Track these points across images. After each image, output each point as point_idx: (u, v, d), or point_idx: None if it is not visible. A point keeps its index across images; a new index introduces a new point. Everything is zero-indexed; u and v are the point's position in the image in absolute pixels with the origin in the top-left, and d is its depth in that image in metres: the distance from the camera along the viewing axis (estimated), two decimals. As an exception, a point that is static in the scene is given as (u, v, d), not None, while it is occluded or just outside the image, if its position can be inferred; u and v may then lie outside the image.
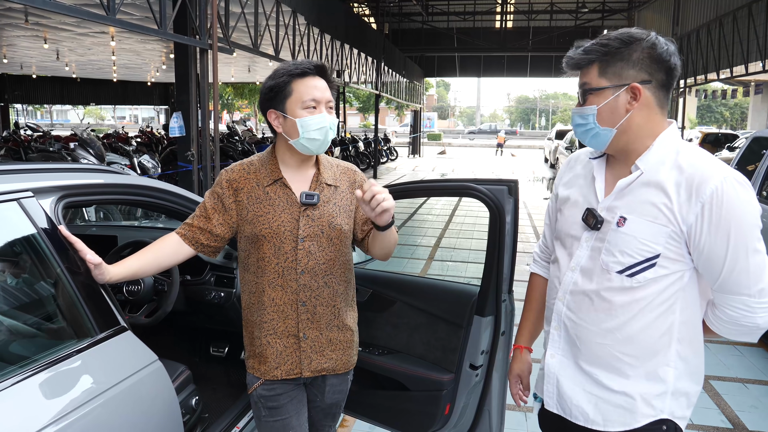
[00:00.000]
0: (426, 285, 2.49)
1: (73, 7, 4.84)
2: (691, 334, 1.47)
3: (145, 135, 17.39)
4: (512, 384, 1.83)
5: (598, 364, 1.50)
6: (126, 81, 26.31)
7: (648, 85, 1.42)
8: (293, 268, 1.83)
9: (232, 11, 8.51)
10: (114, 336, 1.68)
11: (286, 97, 1.80)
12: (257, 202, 1.84)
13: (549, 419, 1.64)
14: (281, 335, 1.86)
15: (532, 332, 1.82)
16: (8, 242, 1.66)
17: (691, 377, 1.49)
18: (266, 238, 1.82)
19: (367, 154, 18.59)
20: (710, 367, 4.38)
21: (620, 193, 1.46)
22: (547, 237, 1.77)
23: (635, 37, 1.42)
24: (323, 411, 2.02)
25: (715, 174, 1.34)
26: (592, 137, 1.49)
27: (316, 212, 1.84)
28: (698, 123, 45.25)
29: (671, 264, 1.40)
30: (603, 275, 1.47)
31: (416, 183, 2.39)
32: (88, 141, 9.04)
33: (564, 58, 1.51)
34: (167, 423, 1.78)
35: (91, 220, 5.06)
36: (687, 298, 1.44)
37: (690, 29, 15.55)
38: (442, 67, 27.88)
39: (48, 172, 1.82)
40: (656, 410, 1.46)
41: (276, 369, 1.87)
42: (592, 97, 1.46)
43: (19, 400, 1.38)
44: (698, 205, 1.34)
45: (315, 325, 1.87)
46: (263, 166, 1.88)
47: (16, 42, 14.18)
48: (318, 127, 1.79)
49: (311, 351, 1.88)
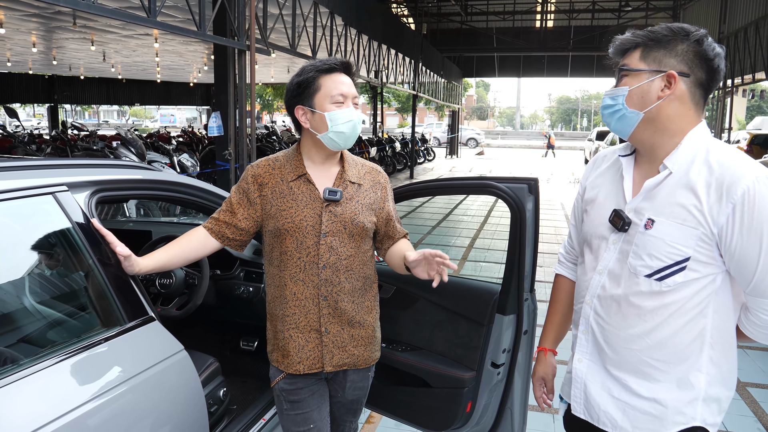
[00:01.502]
0: (448, 282, 2.48)
1: (116, 10, 5.02)
2: (724, 338, 1.43)
3: (186, 134, 17.79)
4: (536, 387, 1.80)
5: (627, 370, 1.47)
6: (169, 82, 26.98)
7: (685, 78, 1.39)
8: (315, 263, 1.86)
9: (270, 12, 8.64)
10: (142, 325, 1.75)
11: (314, 92, 1.84)
12: (281, 196, 1.88)
13: (576, 424, 1.62)
14: (303, 329, 1.89)
15: (556, 335, 1.79)
16: (44, 234, 1.75)
17: (724, 383, 1.45)
18: (289, 232, 1.85)
19: (404, 155, 18.61)
20: (749, 374, 4.25)
21: (648, 194, 1.42)
22: (573, 238, 1.74)
23: (685, 30, 1.40)
24: (344, 406, 2.05)
25: (747, 173, 1.30)
26: (618, 119, 1.46)
27: (339, 209, 1.87)
28: (747, 124, 43.58)
29: (702, 267, 1.36)
30: (631, 279, 1.44)
31: (437, 181, 2.39)
32: (130, 140, 9.32)
33: (611, 43, 1.49)
34: (192, 411, 1.84)
35: (131, 216, 5.22)
36: (719, 302, 1.40)
37: (737, 27, 15.07)
38: (480, 67, 27.67)
39: (82, 168, 1.90)
40: (687, 417, 1.43)
41: (298, 363, 1.90)
42: (627, 79, 1.44)
43: (53, 382, 1.46)
44: (729, 206, 1.30)
45: (336, 320, 1.89)
46: (288, 162, 1.92)
47: (65, 44, 14.71)
48: (346, 120, 1.83)
49: (333, 346, 1.90)
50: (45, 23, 11.57)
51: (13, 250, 1.69)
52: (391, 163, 17.33)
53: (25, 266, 1.74)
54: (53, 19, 11.08)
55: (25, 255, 1.72)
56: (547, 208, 12.06)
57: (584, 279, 1.58)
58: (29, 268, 1.75)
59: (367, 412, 3.51)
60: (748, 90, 21.19)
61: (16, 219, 1.66)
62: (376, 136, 18.62)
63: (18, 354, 1.56)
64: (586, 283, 1.56)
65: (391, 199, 2.05)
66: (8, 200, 1.56)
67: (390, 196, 2.05)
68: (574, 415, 1.60)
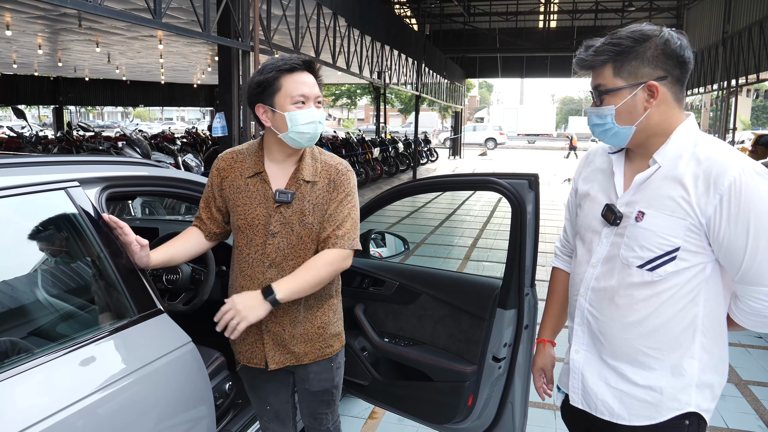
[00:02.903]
0: (450, 278, 2.53)
1: (123, 12, 5.07)
2: (715, 326, 1.47)
3: (191, 135, 17.86)
4: (536, 377, 1.85)
5: (622, 359, 1.51)
6: (173, 83, 27.05)
7: (664, 81, 1.41)
8: (261, 261, 1.88)
9: (273, 14, 8.69)
10: (151, 317, 1.79)
11: (274, 92, 1.82)
12: (237, 192, 1.90)
13: (573, 413, 1.66)
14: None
15: (554, 326, 1.84)
16: (56, 228, 1.79)
17: (716, 369, 1.49)
18: (241, 228, 1.89)
19: (407, 155, 18.63)
20: (750, 372, 4.27)
21: (638, 188, 1.47)
22: (568, 232, 1.79)
23: (648, 35, 1.41)
24: (314, 397, 2.06)
25: (733, 165, 1.33)
26: (612, 136, 1.49)
27: (289, 210, 1.86)
28: (753, 125, 43.24)
29: (692, 257, 1.40)
30: (623, 270, 1.48)
31: (439, 178, 2.43)
32: (136, 140, 9.38)
33: (574, 59, 1.50)
34: (199, 401, 1.88)
35: (136, 215, 5.27)
36: (710, 290, 1.44)
37: (742, 26, 15.05)
38: (483, 67, 27.65)
39: (93, 164, 1.95)
40: (682, 403, 1.47)
41: (239, 354, 2.00)
42: (609, 98, 1.46)
43: (64, 371, 1.50)
44: (716, 197, 1.34)
45: (278, 320, 1.91)
46: (249, 157, 1.92)
47: (71, 46, 14.78)
48: (307, 121, 1.82)
49: (273, 344, 1.93)
50: (50, 25, 11.65)
51: (27, 244, 1.74)
52: (394, 163, 17.35)
53: (38, 259, 1.79)
54: (59, 21, 11.16)
55: (37, 248, 1.77)
56: (550, 208, 12.06)
57: (578, 272, 1.62)
58: (41, 260, 1.80)
59: (370, 408, 3.55)
60: (752, 90, 21.10)
61: (30, 213, 1.71)
62: (379, 137, 18.65)
63: (30, 344, 1.60)
64: (580, 276, 1.60)
65: (344, 201, 1.90)
66: (22, 195, 1.61)
67: (344, 196, 1.91)
68: (572, 405, 1.64)
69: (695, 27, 18.80)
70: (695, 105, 34.56)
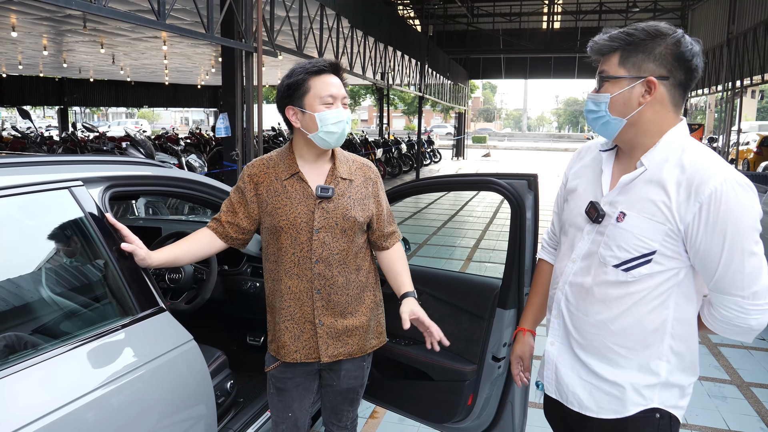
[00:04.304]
0: (450, 278, 2.55)
1: (127, 13, 5.10)
2: (685, 329, 1.50)
3: (194, 136, 17.91)
4: (514, 365, 1.88)
5: (592, 354, 1.55)
6: (177, 84, 27.14)
7: (665, 81, 1.42)
8: (308, 258, 1.93)
9: (277, 15, 8.72)
10: (153, 315, 1.81)
11: (304, 93, 1.90)
12: (276, 195, 1.95)
13: (550, 404, 1.71)
14: (298, 321, 1.97)
15: (535, 316, 1.87)
16: (59, 226, 1.81)
17: (685, 370, 1.52)
18: (284, 229, 1.93)
19: (410, 156, 18.64)
20: (752, 374, 4.27)
21: (623, 189, 1.49)
22: (555, 225, 1.81)
23: (662, 32, 1.42)
24: (340, 395, 2.12)
25: (716, 175, 1.35)
26: (602, 125, 1.51)
27: (331, 205, 1.93)
28: (758, 126, 43.05)
29: (667, 261, 1.43)
30: (600, 268, 1.51)
31: (440, 178, 2.45)
32: (140, 141, 9.40)
33: (589, 42, 1.52)
34: (200, 399, 1.90)
35: (139, 215, 5.30)
36: (681, 295, 1.47)
37: (746, 27, 15.01)
38: (487, 69, 27.64)
39: (96, 164, 1.97)
40: (646, 399, 1.50)
41: (295, 353, 1.99)
42: (608, 85, 1.47)
43: (70, 366, 1.53)
44: (696, 205, 1.36)
45: (330, 312, 1.97)
46: (281, 161, 1.98)
47: (75, 47, 14.85)
48: (336, 120, 1.89)
49: (327, 337, 1.98)
50: (56, 26, 11.70)
51: (31, 242, 1.76)
52: (397, 164, 17.37)
53: (42, 257, 1.81)
54: (64, 22, 11.21)
55: (41, 246, 1.79)
56: (550, 208, 12.03)
57: (559, 266, 1.65)
58: (45, 258, 1.82)
59: (371, 407, 3.56)
60: (757, 91, 21.04)
61: (34, 212, 1.73)
62: (382, 138, 18.67)
63: (37, 339, 1.62)
64: (561, 270, 1.63)
65: (382, 193, 2.11)
66: (26, 194, 1.63)
67: (381, 189, 2.11)
68: (551, 399, 1.68)
69: (699, 28, 18.76)
70: (700, 106, 34.47)
